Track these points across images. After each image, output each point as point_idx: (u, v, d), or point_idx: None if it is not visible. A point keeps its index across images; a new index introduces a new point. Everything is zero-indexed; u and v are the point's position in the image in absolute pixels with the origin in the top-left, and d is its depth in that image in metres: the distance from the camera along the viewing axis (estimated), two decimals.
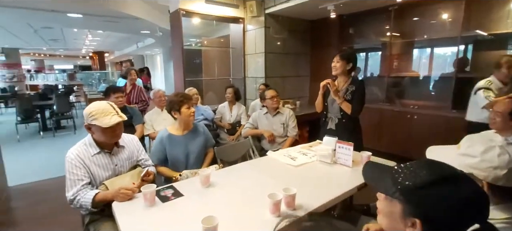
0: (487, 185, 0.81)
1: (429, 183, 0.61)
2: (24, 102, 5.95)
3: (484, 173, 0.81)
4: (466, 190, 0.60)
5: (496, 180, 0.79)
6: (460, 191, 0.60)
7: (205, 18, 3.90)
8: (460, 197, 0.59)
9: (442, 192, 0.60)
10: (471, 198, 0.60)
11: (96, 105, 1.44)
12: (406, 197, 0.63)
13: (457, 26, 3.21)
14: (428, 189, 0.61)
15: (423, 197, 0.62)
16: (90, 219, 1.47)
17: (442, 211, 0.60)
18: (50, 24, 6.78)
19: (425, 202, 0.61)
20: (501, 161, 0.79)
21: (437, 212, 0.60)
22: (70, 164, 1.39)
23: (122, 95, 2.82)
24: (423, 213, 0.61)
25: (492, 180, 0.80)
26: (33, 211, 2.71)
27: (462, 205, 0.59)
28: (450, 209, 0.59)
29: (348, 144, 1.78)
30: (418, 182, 0.62)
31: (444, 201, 0.59)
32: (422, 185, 0.62)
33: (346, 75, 2.21)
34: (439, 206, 0.60)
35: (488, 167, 0.80)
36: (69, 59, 21.58)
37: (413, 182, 0.63)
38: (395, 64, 4.15)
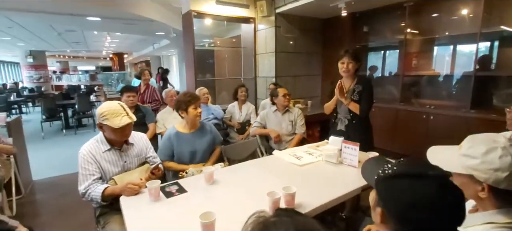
0: (488, 187, 0.78)
1: (393, 176, 0.65)
2: (48, 101, 6.31)
3: (485, 175, 0.77)
4: (424, 189, 0.60)
5: (498, 182, 0.76)
6: (418, 188, 0.61)
7: (216, 18, 3.95)
8: (414, 194, 0.61)
9: (400, 185, 0.63)
10: (427, 198, 0.60)
11: (108, 106, 1.49)
12: (376, 187, 0.68)
13: (477, 22, 3.05)
14: (392, 180, 0.64)
15: (384, 188, 0.66)
16: (100, 212, 1.56)
17: (394, 202, 0.63)
18: (72, 27, 7.15)
19: (384, 192, 0.66)
20: (503, 163, 0.75)
21: (390, 201, 0.64)
22: (83, 159, 1.48)
23: (134, 95, 2.91)
24: (383, 201, 0.66)
25: (493, 182, 0.76)
26: (55, 204, 2.88)
27: (415, 202, 0.60)
28: (402, 201, 0.61)
29: (354, 144, 1.75)
30: (388, 174, 0.66)
31: (399, 194, 0.62)
32: (389, 176, 0.65)
33: (353, 75, 2.17)
34: (393, 196, 0.63)
35: (489, 168, 0.77)
36: (91, 60, 22.62)
37: (384, 174, 0.67)
38: (414, 63, 4.00)
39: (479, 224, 0.79)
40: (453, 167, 0.82)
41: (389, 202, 0.65)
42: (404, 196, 0.62)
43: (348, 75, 2.15)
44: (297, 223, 0.45)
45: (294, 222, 0.45)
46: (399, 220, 0.63)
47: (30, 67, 12.13)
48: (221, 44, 5.56)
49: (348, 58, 2.09)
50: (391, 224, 0.65)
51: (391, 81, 4.26)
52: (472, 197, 0.83)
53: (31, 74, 12.20)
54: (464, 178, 0.81)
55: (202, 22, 4.38)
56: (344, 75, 2.17)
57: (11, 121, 2.99)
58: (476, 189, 0.79)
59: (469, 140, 0.85)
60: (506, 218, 0.77)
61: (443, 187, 0.61)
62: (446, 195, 0.60)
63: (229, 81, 4.99)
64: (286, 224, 0.45)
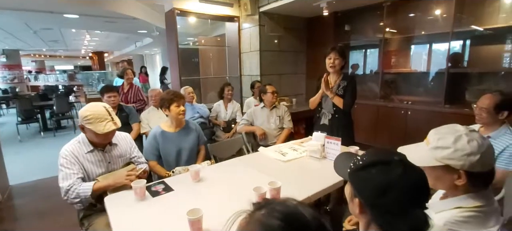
0: (465, 174, 0.81)
1: (365, 165, 0.68)
2: (24, 103, 6.01)
3: (460, 162, 0.81)
4: (390, 173, 0.65)
5: (472, 166, 0.80)
6: (384, 173, 0.65)
7: (199, 17, 3.93)
8: (381, 179, 0.65)
9: (370, 173, 0.67)
10: (394, 181, 0.64)
11: (92, 110, 1.45)
12: (350, 179, 0.71)
13: (450, 22, 3.23)
14: (362, 170, 0.69)
15: (356, 177, 0.70)
16: (84, 214, 1.53)
17: (366, 190, 0.67)
18: (48, 25, 6.84)
19: (357, 182, 0.69)
20: (473, 147, 0.80)
21: (363, 191, 0.68)
22: (65, 160, 1.45)
23: (115, 95, 2.84)
24: (358, 193, 0.69)
25: (468, 167, 0.80)
26: (35, 208, 2.78)
27: (383, 187, 0.64)
28: (371, 189, 0.66)
29: (336, 139, 1.82)
30: (358, 166, 0.70)
31: (368, 181, 0.67)
32: (360, 167, 0.69)
33: (339, 71, 2.27)
34: (364, 185, 0.67)
35: (462, 155, 0.81)
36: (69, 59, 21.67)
37: (355, 166, 0.71)
38: (393, 61, 4.17)
39: (448, 209, 0.85)
40: (426, 161, 0.85)
41: (363, 192, 0.68)
42: (375, 183, 0.66)
43: (334, 71, 2.25)
44: (289, 206, 0.47)
45: (286, 204, 0.48)
46: (374, 206, 0.67)
47: (3, 67, 11.51)
48: (206, 43, 5.53)
49: (335, 54, 2.18)
50: (368, 212, 0.69)
51: (371, 79, 4.42)
52: (447, 188, 0.88)
53: (5, 74, 11.58)
54: (438, 170, 0.85)
55: (186, 21, 4.34)
56: (330, 71, 2.26)
57: None
58: (452, 178, 0.83)
59: (435, 132, 0.90)
60: (474, 202, 0.83)
61: (407, 167, 0.66)
62: (411, 174, 0.66)
63: (214, 80, 4.98)
64: (280, 208, 0.47)
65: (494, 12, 3.07)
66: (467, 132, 0.84)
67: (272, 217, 0.45)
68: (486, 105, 1.66)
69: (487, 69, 3.34)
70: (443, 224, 0.81)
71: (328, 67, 2.24)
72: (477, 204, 0.84)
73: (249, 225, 0.47)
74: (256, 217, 0.47)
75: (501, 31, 3.13)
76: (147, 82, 9.17)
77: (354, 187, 0.71)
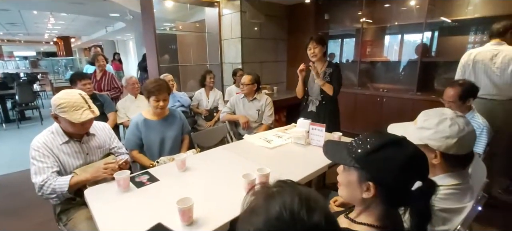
0: (440, 154, 0.90)
1: (377, 148, 0.69)
2: None
3: (437, 143, 0.90)
4: (406, 151, 0.69)
5: (448, 148, 0.89)
6: (401, 152, 0.68)
7: (177, 1, 3.76)
8: (402, 157, 0.68)
9: (387, 154, 0.68)
10: (411, 158, 0.68)
11: (67, 97, 1.34)
12: (360, 163, 0.71)
13: (423, 13, 3.39)
14: (376, 153, 0.69)
15: (372, 161, 0.70)
16: (61, 208, 1.44)
17: (387, 171, 0.68)
18: (5, 5, 6.17)
19: (373, 165, 0.69)
20: (452, 131, 0.88)
21: (383, 172, 0.68)
22: (37, 153, 1.33)
23: (90, 82, 2.68)
24: (373, 175, 0.69)
25: (445, 149, 0.89)
26: (3, 205, 2.57)
27: (404, 164, 0.67)
28: (394, 168, 0.67)
29: (321, 125, 1.86)
30: (368, 149, 0.70)
31: (388, 162, 0.68)
32: (371, 150, 0.70)
33: (322, 59, 2.34)
34: (384, 167, 0.68)
35: (441, 137, 0.89)
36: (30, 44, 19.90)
37: (364, 149, 0.71)
38: (368, 50, 4.31)
39: None
40: (410, 139, 0.92)
41: (380, 174, 0.68)
42: (393, 163, 0.67)
43: (317, 60, 2.31)
44: (300, 192, 0.48)
45: (297, 191, 0.48)
46: (394, 186, 0.68)
47: None
48: (184, 28, 5.31)
49: (313, 44, 2.26)
50: (385, 194, 0.69)
51: (349, 68, 4.55)
52: None
53: None
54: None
55: (162, 4, 4.13)
56: (313, 60, 2.31)
57: None
58: (430, 157, 0.91)
59: (423, 114, 0.98)
60: (453, 180, 0.91)
61: (415, 147, 0.71)
62: (417, 150, 0.70)
63: (194, 68, 4.84)
64: (289, 193, 0.47)
65: (463, 5, 3.26)
66: (454, 116, 0.90)
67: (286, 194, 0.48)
68: (452, 97, 1.81)
69: (455, 58, 3.57)
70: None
71: (311, 57, 2.32)
72: (455, 182, 0.92)
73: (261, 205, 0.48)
74: (270, 191, 0.50)
75: (467, 23, 3.35)
76: (121, 69, 8.68)
77: (367, 171, 0.70)
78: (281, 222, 0.44)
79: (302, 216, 0.44)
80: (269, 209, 0.46)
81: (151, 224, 1.02)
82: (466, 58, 2.39)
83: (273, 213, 0.45)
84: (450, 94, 1.81)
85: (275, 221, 0.45)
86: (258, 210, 0.47)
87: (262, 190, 0.51)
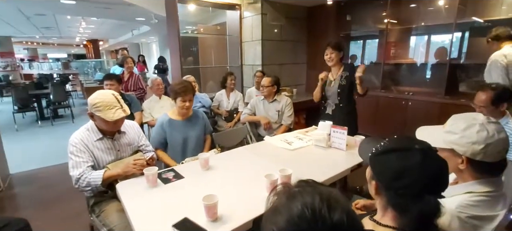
0: (466, 159, 0.88)
1: (383, 151, 0.73)
2: (20, 91, 5.91)
3: (463, 148, 0.88)
4: (408, 161, 0.68)
5: (474, 154, 0.86)
6: (401, 160, 0.69)
7: (201, 4, 3.87)
8: (398, 165, 0.68)
9: (389, 158, 0.71)
10: (411, 168, 0.67)
11: (102, 97, 1.44)
12: (370, 162, 0.76)
13: (453, 13, 3.24)
14: (382, 155, 0.73)
15: (376, 162, 0.74)
16: (94, 201, 1.54)
17: (383, 174, 0.71)
18: (43, 11, 6.66)
19: (376, 166, 0.74)
20: (479, 137, 0.85)
21: (381, 175, 0.72)
22: (75, 148, 1.44)
23: (112, 83, 2.79)
24: (376, 175, 0.74)
25: (471, 154, 0.86)
26: (37, 196, 2.77)
27: (398, 172, 0.68)
28: (388, 173, 0.70)
29: (342, 128, 1.85)
30: (378, 150, 0.74)
31: (386, 166, 0.71)
32: (379, 152, 0.73)
33: (339, 63, 2.37)
34: (382, 170, 0.72)
35: (467, 142, 0.87)
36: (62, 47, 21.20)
37: (376, 150, 0.75)
38: (392, 52, 4.18)
39: (460, 194, 0.89)
40: (436, 142, 0.91)
41: (379, 175, 0.73)
42: (391, 167, 0.70)
43: (333, 64, 2.37)
44: (321, 191, 0.49)
45: (317, 190, 0.50)
46: (388, 188, 0.71)
47: None
48: (205, 31, 5.46)
49: (330, 49, 2.32)
50: (383, 193, 0.73)
51: (371, 70, 4.42)
52: (453, 169, 0.93)
53: None
54: (446, 152, 0.90)
55: (185, 8, 4.26)
56: (330, 65, 2.39)
57: None
58: (456, 161, 0.89)
59: (452, 118, 0.95)
60: (484, 187, 0.88)
61: (426, 157, 0.68)
62: (429, 164, 0.68)
63: (214, 70, 4.95)
64: (311, 192, 0.49)
65: (497, 4, 3.09)
66: (484, 122, 0.87)
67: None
68: (483, 102, 1.72)
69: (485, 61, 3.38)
70: (455, 207, 0.85)
71: (327, 62, 2.38)
72: (486, 189, 0.89)
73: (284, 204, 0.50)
74: (292, 191, 0.52)
75: (501, 23, 3.15)
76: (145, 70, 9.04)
77: (373, 170, 0.76)
78: (303, 221, 0.46)
79: (324, 214, 0.45)
80: (291, 208, 0.47)
81: (178, 218, 1.07)
82: (504, 60, 2.27)
83: (295, 211, 0.47)
84: (482, 99, 1.72)
85: (297, 219, 0.46)
86: (280, 209, 0.49)
87: (284, 190, 0.53)
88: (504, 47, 2.38)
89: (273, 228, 0.48)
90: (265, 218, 0.51)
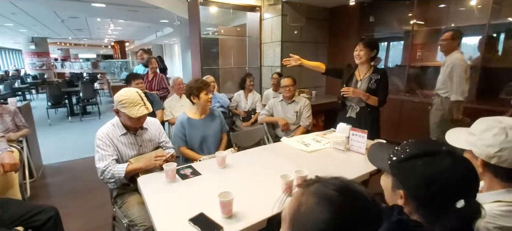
0: (482, 162, 0.84)
1: (407, 157, 0.67)
2: (53, 89, 6.35)
3: (479, 150, 0.85)
4: (437, 165, 0.64)
5: (489, 157, 0.82)
6: (431, 165, 0.64)
7: (222, 6, 3.94)
8: (429, 170, 0.64)
9: (415, 164, 0.66)
10: (441, 172, 0.63)
11: (127, 94, 1.52)
12: (392, 170, 0.70)
13: (486, 14, 3.04)
14: (406, 162, 0.67)
15: (401, 169, 0.68)
16: (117, 192, 1.61)
17: (412, 182, 0.66)
18: (76, 13, 7.11)
19: (402, 173, 0.68)
20: (495, 140, 0.81)
21: (409, 181, 0.66)
22: (101, 142, 1.53)
23: (142, 82, 2.95)
24: (402, 183, 0.68)
25: (485, 157, 0.83)
26: (68, 186, 2.97)
27: (430, 177, 0.63)
28: (419, 180, 0.64)
29: (362, 131, 1.80)
30: (400, 157, 0.69)
31: (414, 173, 0.65)
32: (402, 159, 0.68)
33: (368, 63, 2.21)
34: (410, 177, 0.66)
35: (482, 144, 0.84)
36: (92, 48, 22.52)
37: (397, 157, 0.70)
38: (419, 54, 4.00)
39: (488, 203, 0.83)
40: (458, 143, 0.90)
41: (407, 183, 0.68)
42: (420, 175, 0.65)
43: (361, 62, 2.20)
44: (342, 180, 0.51)
45: (340, 179, 0.51)
46: (419, 197, 0.66)
47: (32, 54, 12.13)
48: (226, 32, 5.54)
49: (361, 46, 2.15)
50: (413, 202, 0.68)
51: (395, 73, 4.27)
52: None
53: (34, 61, 12.21)
54: (468, 153, 0.88)
55: (207, 10, 4.36)
56: (357, 62, 2.23)
57: (22, 106, 3.04)
58: (476, 164, 0.85)
59: (478, 120, 0.92)
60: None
61: (455, 160, 0.64)
62: (459, 166, 0.64)
63: (233, 70, 5.00)
64: (333, 181, 0.50)
65: None
66: (509, 126, 0.82)
67: (327, 188, 0.48)
68: None
69: None
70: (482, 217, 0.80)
71: (355, 59, 2.23)
72: None
73: (304, 196, 0.50)
74: (310, 190, 0.50)
75: None
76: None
77: (397, 179, 0.70)
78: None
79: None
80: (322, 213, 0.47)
81: (194, 213, 1.10)
82: None
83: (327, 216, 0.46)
84: None
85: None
86: (313, 218, 0.48)
87: (305, 183, 0.53)
88: None
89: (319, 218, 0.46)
90: (294, 222, 0.50)
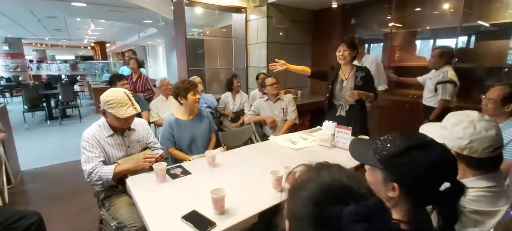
0: (455, 153, 0.91)
1: (401, 151, 0.70)
2: (30, 91, 6.07)
3: (451, 143, 0.92)
4: (431, 155, 0.69)
5: (461, 149, 0.90)
6: (427, 156, 0.69)
7: (208, 7, 3.94)
8: (427, 161, 0.68)
9: (412, 158, 0.69)
10: (437, 161, 0.68)
11: (114, 95, 1.50)
12: (384, 165, 0.72)
13: (458, 17, 3.25)
14: (401, 156, 0.70)
15: (396, 164, 0.71)
16: (104, 195, 1.59)
17: (412, 175, 0.69)
18: (54, 13, 6.82)
19: (398, 168, 0.71)
20: (465, 133, 0.90)
21: (408, 176, 0.70)
22: (87, 143, 1.50)
23: (127, 82, 2.89)
24: (399, 177, 0.71)
25: (458, 149, 0.91)
26: (48, 192, 2.85)
27: (429, 168, 0.68)
28: (419, 172, 0.68)
29: (347, 128, 1.88)
30: (393, 151, 0.72)
31: (413, 166, 0.69)
32: (395, 154, 0.71)
33: (350, 63, 2.32)
34: (409, 170, 0.69)
35: (454, 137, 0.92)
36: (70, 49, 21.63)
37: (389, 151, 0.73)
38: (397, 55, 4.19)
39: None
40: (433, 137, 0.95)
41: (406, 177, 0.69)
42: (418, 167, 0.68)
43: (345, 63, 2.31)
44: (344, 168, 0.56)
45: (341, 167, 0.56)
46: (419, 189, 0.70)
47: (5, 55, 11.51)
48: (211, 33, 5.53)
49: (344, 46, 2.26)
50: (410, 195, 0.71)
51: None
52: None
53: (7, 63, 11.58)
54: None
55: (192, 11, 4.34)
56: (341, 63, 2.32)
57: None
58: None
59: (449, 115, 1.00)
60: (484, 183, 0.90)
61: (443, 149, 0.71)
62: (448, 155, 0.71)
63: (219, 71, 5.01)
64: (335, 167, 0.56)
65: (502, 8, 3.09)
66: (476, 119, 0.90)
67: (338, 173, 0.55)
68: (494, 96, 1.71)
69: (495, 64, 3.38)
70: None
71: (338, 60, 2.32)
72: (487, 184, 0.91)
73: (313, 175, 0.55)
74: (323, 175, 0.55)
75: (507, 27, 3.16)
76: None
77: (391, 173, 0.72)
78: (336, 183, 0.52)
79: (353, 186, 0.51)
80: (321, 177, 0.53)
81: (187, 211, 1.11)
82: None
83: (326, 179, 0.53)
84: (495, 94, 1.70)
85: (328, 186, 0.51)
86: (311, 179, 0.54)
87: (307, 168, 0.59)
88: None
89: (303, 195, 0.52)
90: (292, 191, 0.56)
